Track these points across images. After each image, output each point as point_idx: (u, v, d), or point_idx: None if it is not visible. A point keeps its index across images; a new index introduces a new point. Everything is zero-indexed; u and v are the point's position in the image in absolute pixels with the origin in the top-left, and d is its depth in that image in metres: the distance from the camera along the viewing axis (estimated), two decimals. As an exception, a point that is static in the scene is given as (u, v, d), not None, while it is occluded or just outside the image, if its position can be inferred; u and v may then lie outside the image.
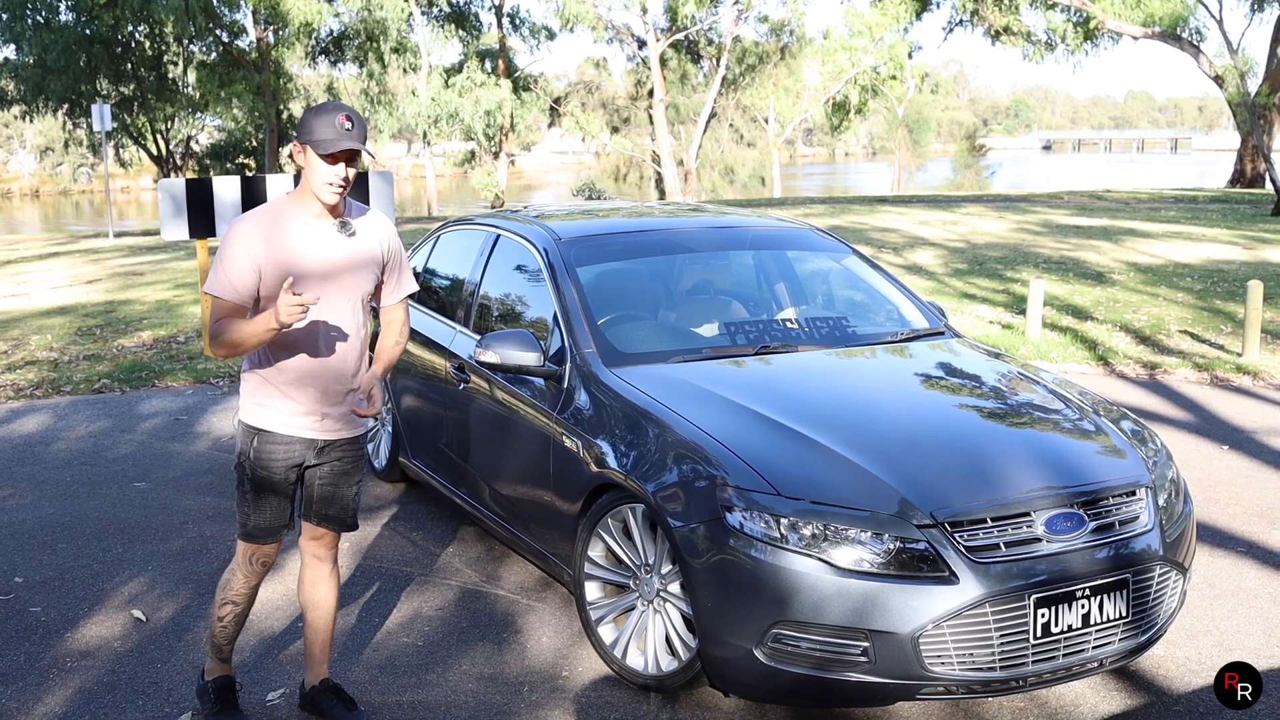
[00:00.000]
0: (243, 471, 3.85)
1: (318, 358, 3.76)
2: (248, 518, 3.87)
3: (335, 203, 3.70)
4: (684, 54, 44.51)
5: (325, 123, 3.60)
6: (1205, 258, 17.03)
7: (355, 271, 3.79)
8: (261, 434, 3.80)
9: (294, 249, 3.68)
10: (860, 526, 3.74)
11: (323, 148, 3.58)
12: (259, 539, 3.89)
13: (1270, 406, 8.75)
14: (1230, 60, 28.77)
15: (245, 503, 3.87)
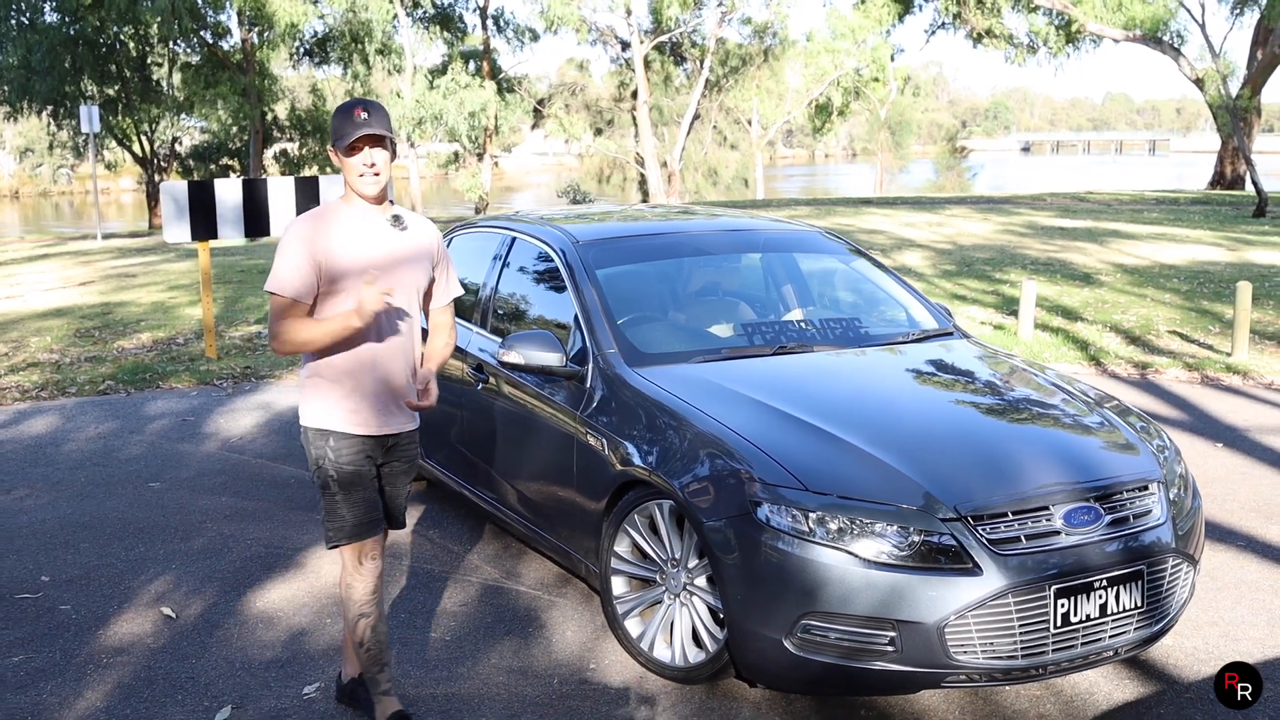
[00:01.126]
0: (325, 475, 3.87)
1: (381, 354, 3.84)
2: (344, 520, 3.87)
3: (375, 192, 3.80)
4: (667, 56, 44.65)
5: (344, 119, 3.76)
6: (1190, 259, 17.25)
7: (412, 264, 3.89)
8: (333, 434, 3.85)
9: (351, 242, 3.79)
10: (886, 520, 3.87)
11: (342, 141, 3.74)
12: (361, 535, 3.89)
13: (1261, 405, 8.92)
14: (1212, 63, 29.06)
15: (336, 506, 3.87)
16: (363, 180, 3.78)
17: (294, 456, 7.56)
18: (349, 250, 3.78)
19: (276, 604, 5.22)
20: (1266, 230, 22.05)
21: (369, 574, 3.95)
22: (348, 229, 3.81)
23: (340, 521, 3.88)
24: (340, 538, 3.90)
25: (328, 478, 3.87)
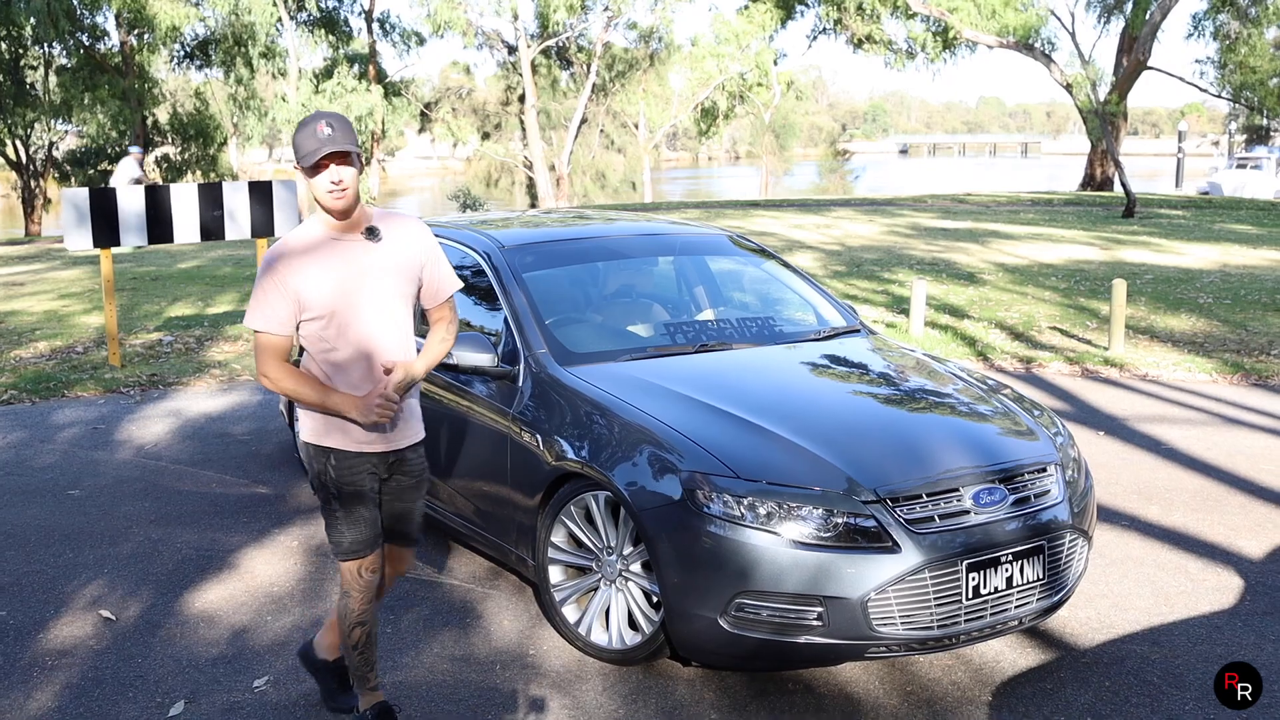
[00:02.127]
0: (327, 492, 3.89)
1: (372, 370, 3.83)
2: (343, 535, 3.89)
3: (344, 208, 3.74)
4: (554, 60, 44.86)
5: (306, 136, 3.69)
6: (1066, 258, 17.97)
7: (391, 278, 3.84)
8: (334, 452, 3.86)
9: (325, 269, 3.75)
10: (811, 504, 4.16)
11: (305, 161, 3.69)
12: (360, 552, 3.91)
13: (1137, 396, 9.46)
14: (1081, 69, 30.16)
15: (338, 522, 3.89)
16: (331, 197, 3.72)
17: (212, 462, 7.64)
18: (323, 278, 3.74)
19: (215, 604, 5.34)
20: (1136, 230, 23.02)
21: (367, 587, 3.95)
22: (320, 254, 3.77)
23: (339, 536, 3.90)
24: (343, 553, 3.92)
25: (329, 494, 3.89)
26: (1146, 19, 35.78)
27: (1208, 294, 14.33)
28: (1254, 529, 6.30)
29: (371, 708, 4.06)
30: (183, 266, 18.23)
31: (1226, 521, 6.43)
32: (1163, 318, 12.68)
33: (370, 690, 4.09)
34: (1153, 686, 4.48)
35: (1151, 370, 10.30)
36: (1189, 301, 13.73)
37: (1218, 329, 12.07)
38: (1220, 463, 7.56)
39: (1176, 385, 9.86)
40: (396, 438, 3.94)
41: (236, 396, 9.54)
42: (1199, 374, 10.18)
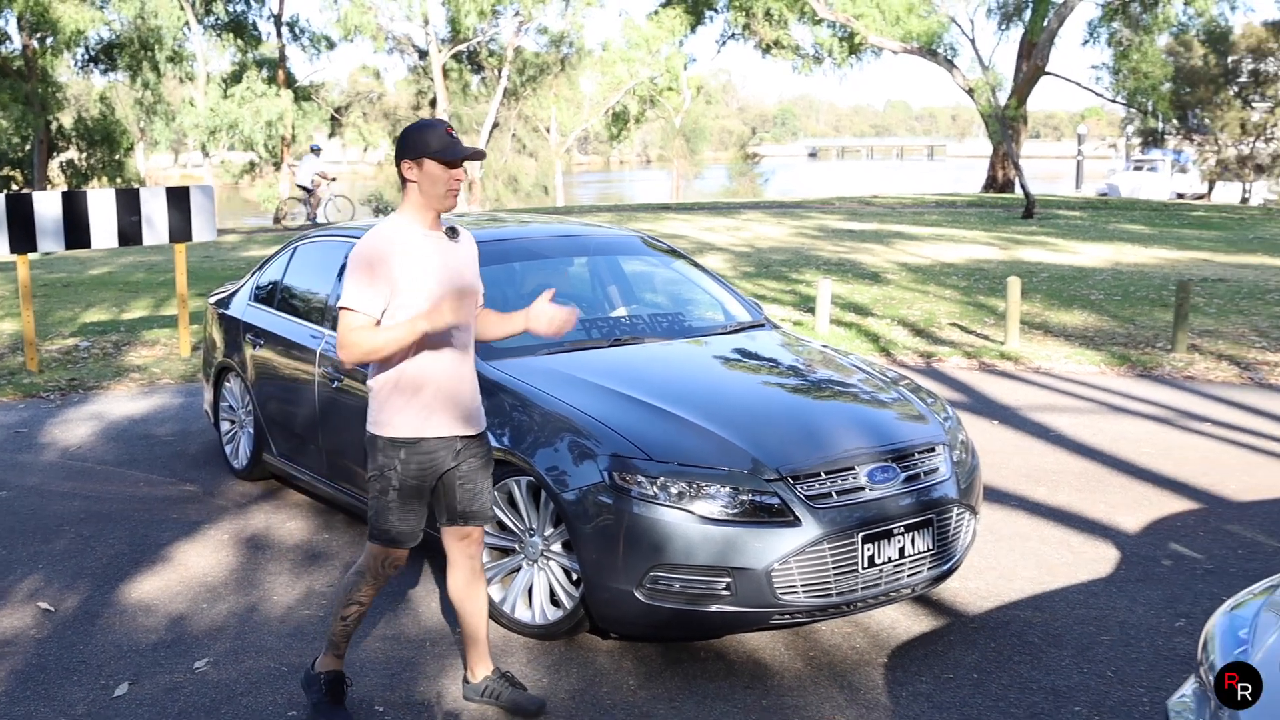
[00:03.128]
0: (387, 482, 4.04)
1: (454, 359, 4.05)
2: (391, 524, 4.06)
3: (451, 206, 4.01)
4: (465, 64, 44.93)
5: (435, 135, 3.93)
6: (967, 257, 18.59)
7: (472, 272, 4.16)
8: (409, 444, 4.02)
9: (419, 262, 3.96)
10: (720, 483, 4.50)
11: (447, 154, 3.92)
12: (401, 543, 4.10)
13: (1030, 387, 9.96)
14: (982, 75, 31.02)
15: (389, 510, 4.05)
16: (449, 195, 3.98)
17: (138, 462, 7.79)
18: (417, 269, 3.95)
19: (151, 594, 5.54)
20: (1034, 230, 23.80)
21: (383, 579, 4.19)
22: (419, 249, 3.98)
23: (387, 525, 4.08)
24: (381, 540, 4.11)
25: (390, 485, 4.05)
26: (1044, 26, 36.86)
27: (1099, 291, 14.97)
28: (1132, 506, 6.77)
29: (328, 672, 4.29)
30: (94, 273, 18.17)
31: (1107, 500, 6.89)
32: (1056, 313, 13.26)
33: (336, 657, 4.29)
34: (1034, 646, 4.90)
35: (1044, 363, 10.82)
36: (1081, 298, 14.34)
37: (1107, 324, 12.67)
38: (1104, 447, 8.04)
39: (1067, 377, 10.38)
40: (474, 424, 4.15)
41: (158, 399, 9.67)
42: (1088, 366, 10.72)
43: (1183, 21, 41.49)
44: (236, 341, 7.25)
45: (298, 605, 5.39)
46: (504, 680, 4.40)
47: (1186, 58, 46.95)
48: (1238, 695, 2.57)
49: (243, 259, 19.97)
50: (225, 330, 7.50)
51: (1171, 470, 7.49)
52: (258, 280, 7.42)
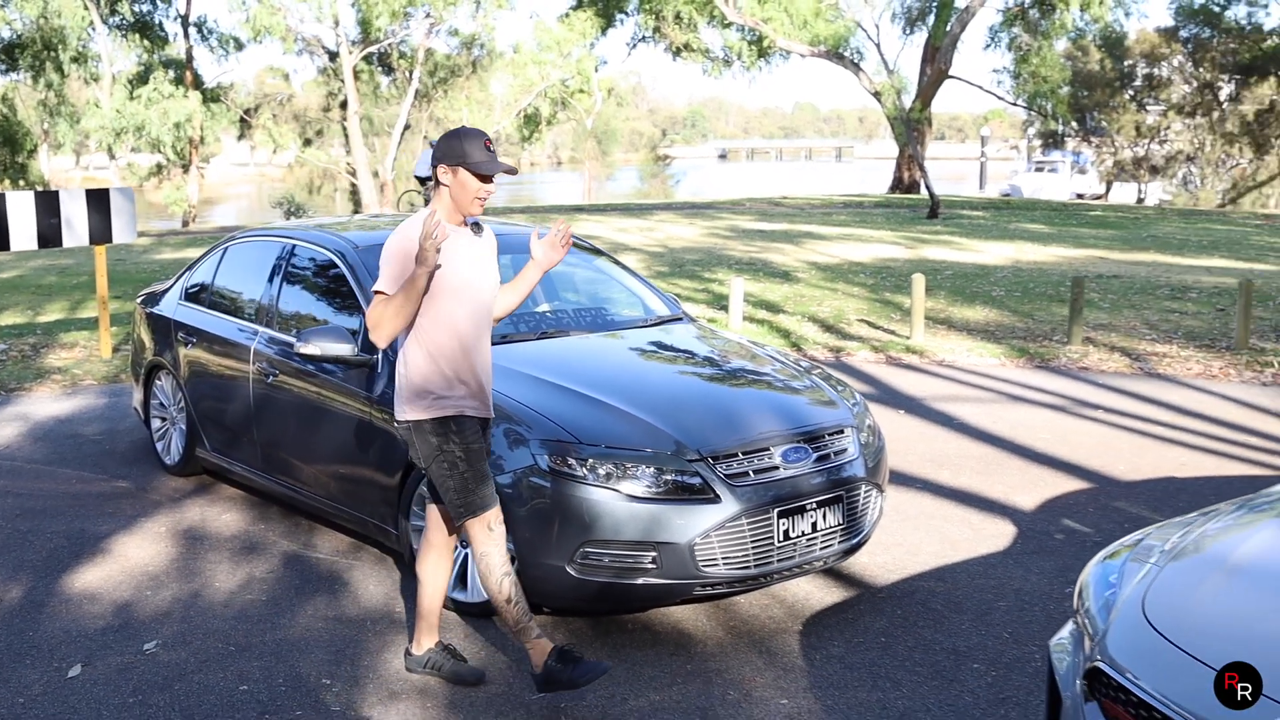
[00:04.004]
0: (454, 458, 4.27)
1: (478, 345, 4.36)
2: (474, 493, 4.28)
3: (478, 212, 4.34)
4: (376, 66, 44.79)
5: (475, 147, 4.22)
6: (875, 256, 19.14)
7: (492, 263, 4.47)
8: (453, 421, 4.29)
9: (454, 256, 4.29)
10: (645, 464, 4.81)
11: (481, 168, 4.21)
12: (489, 505, 4.32)
13: (934, 379, 10.42)
14: (887, 78, 31.75)
15: (466, 485, 4.28)
16: (476, 204, 4.30)
17: (68, 461, 7.90)
18: (452, 263, 4.27)
19: (94, 583, 5.71)
20: (939, 230, 24.48)
21: (500, 538, 4.34)
22: (446, 241, 4.26)
23: (471, 496, 4.29)
24: (474, 510, 4.29)
25: (456, 459, 4.27)
26: (947, 31, 37.78)
27: (1000, 288, 15.56)
28: (1028, 486, 7.21)
29: (550, 653, 4.33)
30: (4, 276, 18.02)
31: (1005, 481, 7.33)
32: (960, 309, 13.79)
33: (536, 640, 4.36)
34: (937, 613, 5.28)
35: (948, 356, 11.30)
36: (983, 295, 14.91)
37: (1008, 319, 13.22)
38: (1004, 433, 8.50)
39: (969, 369, 10.87)
40: (491, 406, 4.46)
41: (82, 400, 9.75)
42: (989, 358, 11.22)
43: (1080, 27, 42.78)
44: (168, 340, 7.41)
45: (240, 591, 5.60)
46: (446, 652, 4.66)
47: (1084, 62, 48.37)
48: (1238, 695, 2.59)
49: (156, 262, 19.91)
50: (155, 329, 7.65)
51: (1066, 454, 7.95)
52: (188, 280, 7.58)
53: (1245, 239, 23.24)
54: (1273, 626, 2.80)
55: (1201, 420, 8.88)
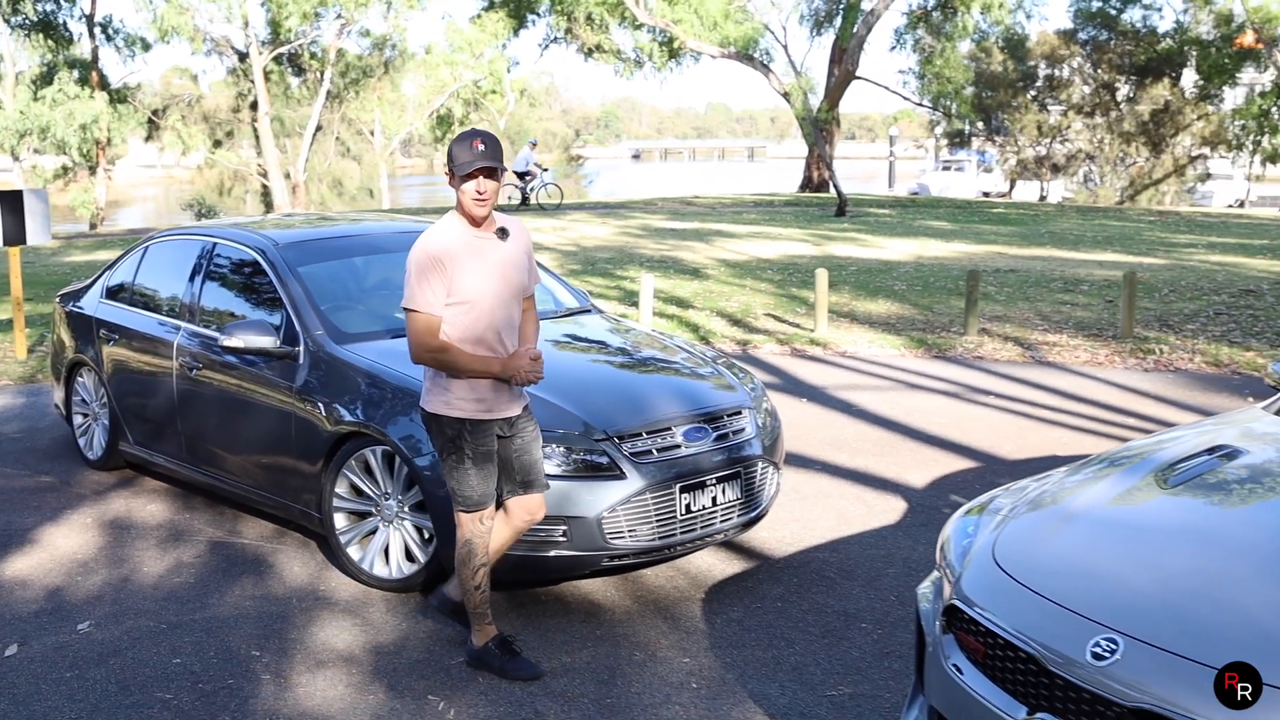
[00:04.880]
0: (461, 453, 4.52)
1: (501, 347, 4.55)
2: (473, 490, 4.55)
3: (483, 214, 4.48)
4: (286, 67, 44.54)
5: (463, 149, 4.41)
6: (783, 253, 19.63)
7: (517, 269, 4.61)
8: (468, 422, 4.51)
9: (471, 261, 4.47)
10: (555, 443, 5.14)
11: (461, 169, 4.41)
12: (484, 504, 4.58)
13: (837, 369, 10.88)
14: (795, 80, 32.34)
15: (468, 478, 4.53)
16: (474, 204, 4.44)
17: (-10, 457, 8.03)
18: (470, 269, 4.47)
19: (24, 571, 5.90)
20: (846, 227, 25.09)
21: (486, 534, 4.64)
22: (469, 250, 4.48)
23: (470, 491, 4.56)
24: (470, 506, 4.57)
25: (464, 456, 4.53)
26: (854, 33, 38.55)
27: (902, 282, 16.10)
28: (920, 466, 7.65)
29: (492, 639, 4.70)
30: (-89, 279, 17.81)
31: (899, 462, 7.76)
32: (863, 303, 14.29)
33: (487, 625, 4.72)
34: (830, 580, 5.68)
35: (850, 347, 11.77)
36: (886, 289, 15.44)
37: (908, 311, 13.74)
38: (900, 418, 8.95)
39: (870, 359, 11.34)
40: (516, 405, 4.66)
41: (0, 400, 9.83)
42: (890, 349, 11.71)
43: (982, 29, 43.80)
44: (89, 338, 7.58)
45: (168, 575, 5.84)
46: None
47: (987, 63, 49.44)
48: (1237, 695, 2.65)
49: (67, 264, 19.82)
50: (76, 328, 7.81)
51: (957, 436, 8.42)
52: (109, 279, 7.75)
53: (1138, 234, 24.11)
54: (1098, 563, 3.21)
55: (1086, 404, 9.41)
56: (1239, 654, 2.67)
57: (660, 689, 4.59)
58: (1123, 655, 2.80)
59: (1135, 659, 2.78)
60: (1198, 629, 2.80)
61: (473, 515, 4.61)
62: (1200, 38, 45.85)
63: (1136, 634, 2.82)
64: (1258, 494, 3.52)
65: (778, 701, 4.48)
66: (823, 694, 4.53)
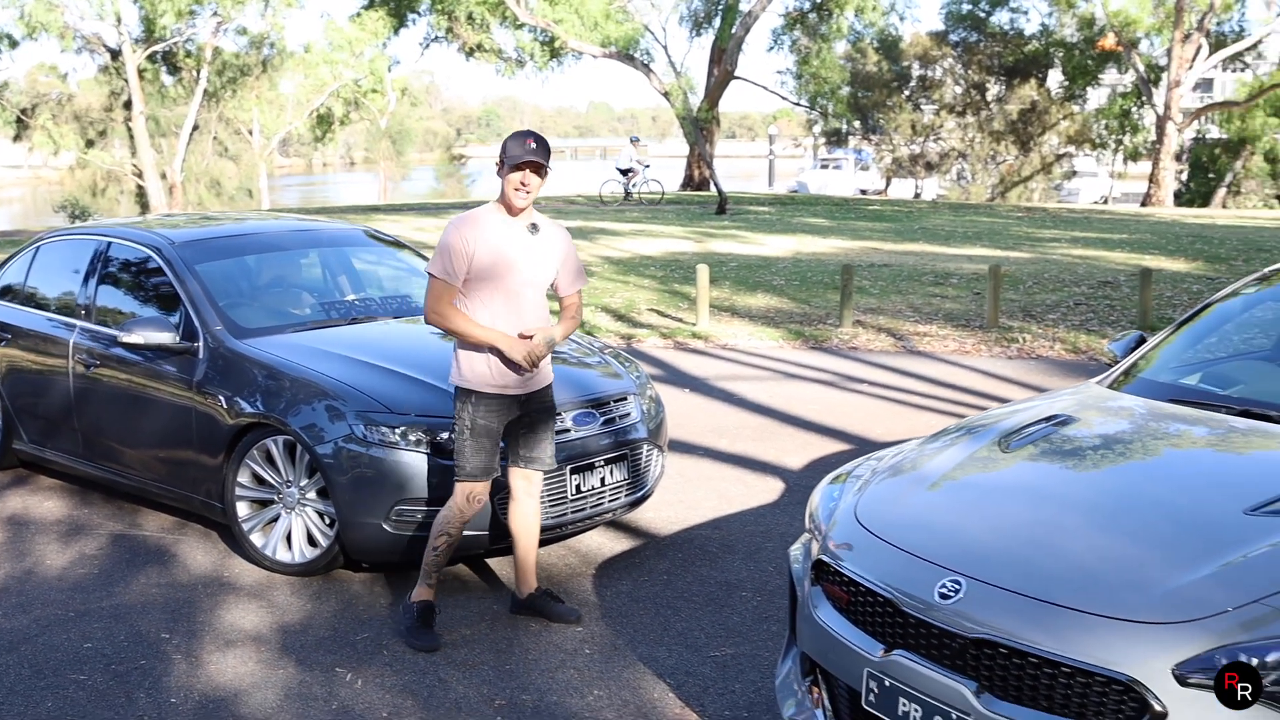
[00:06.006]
0: (464, 424, 4.88)
1: (512, 328, 4.89)
2: (469, 461, 4.89)
3: (523, 206, 4.87)
4: (162, 65, 43.79)
5: (517, 144, 4.84)
6: (665, 251, 20.04)
7: (541, 263, 4.97)
8: (474, 394, 4.87)
9: (497, 244, 4.85)
10: (451, 430, 5.41)
11: (511, 160, 4.81)
12: (478, 478, 4.91)
13: (717, 361, 11.29)
14: (675, 80, 32.84)
15: (467, 449, 4.89)
16: (516, 195, 4.84)
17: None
18: (493, 251, 4.83)
19: (-76, 566, 5.99)
20: (726, 225, 25.62)
21: (469, 512, 4.98)
22: (494, 233, 4.86)
23: (464, 462, 4.91)
24: (465, 476, 4.91)
25: (464, 426, 4.90)
26: (732, 34, 39.17)
27: (781, 277, 16.61)
28: (798, 450, 8.07)
29: (420, 601, 5.05)
30: None
31: (778, 446, 8.17)
32: (743, 298, 14.74)
33: (428, 587, 5.08)
34: (712, 554, 6.05)
35: (731, 340, 12.20)
36: (765, 284, 15.92)
37: (786, 305, 14.22)
38: (779, 406, 9.38)
39: (750, 351, 11.78)
40: (530, 384, 5.00)
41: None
42: (769, 341, 12.16)
43: (857, 31, 44.89)
44: (-21, 338, 7.62)
45: (72, 566, 5.98)
46: (546, 595, 5.26)
47: (862, 64, 50.60)
48: (1237, 695, 2.73)
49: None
50: (-35, 328, 7.83)
51: (832, 422, 8.86)
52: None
53: (1006, 230, 25.02)
54: (946, 518, 3.61)
55: (953, 390, 9.94)
56: (1062, 590, 3.07)
57: (555, 655, 4.90)
58: (965, 594, 3.19)
59: (975, 596, 3.17)
60: (1028, 569, 3.20)
61: (464, 486, 4.94)
62: (1065, 40, 47.57)
63: (977, 575, 3.22)
64: (1085, 455, 3.95)
65: (665, 663, 4.82)
66: (707, 655, 4.89)
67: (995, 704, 3.05)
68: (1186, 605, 2.92)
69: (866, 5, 39.55)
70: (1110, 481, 3.75)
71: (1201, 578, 2.99)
